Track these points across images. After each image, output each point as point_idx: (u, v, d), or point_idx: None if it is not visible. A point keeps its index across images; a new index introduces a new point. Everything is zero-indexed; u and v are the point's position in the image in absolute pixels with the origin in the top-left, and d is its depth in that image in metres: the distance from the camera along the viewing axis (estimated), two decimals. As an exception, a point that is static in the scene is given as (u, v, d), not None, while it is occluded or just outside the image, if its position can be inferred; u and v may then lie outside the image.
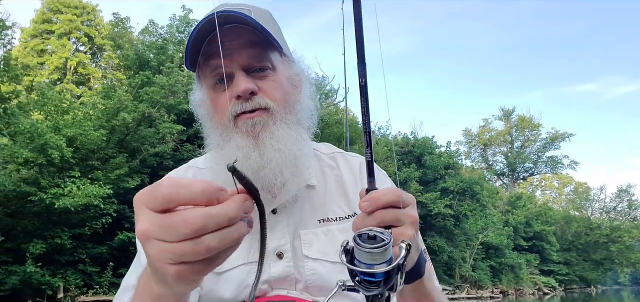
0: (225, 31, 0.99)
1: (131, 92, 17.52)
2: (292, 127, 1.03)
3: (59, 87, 35.28)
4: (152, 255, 0.56)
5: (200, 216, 0.53)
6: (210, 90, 1.06)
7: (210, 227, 0.53)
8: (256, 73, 1.02)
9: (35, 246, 14.14)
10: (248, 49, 1.01)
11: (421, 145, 28.62)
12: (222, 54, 0.99)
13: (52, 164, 14.80)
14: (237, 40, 1.00)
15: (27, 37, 38.49)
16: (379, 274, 0.70)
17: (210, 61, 1.02)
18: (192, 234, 0.53)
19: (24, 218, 14.93)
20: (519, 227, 37.96)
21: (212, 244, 0.53)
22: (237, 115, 1.01)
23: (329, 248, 1.07)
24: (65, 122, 15.61)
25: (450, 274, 28.03)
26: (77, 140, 15.18)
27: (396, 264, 0.69)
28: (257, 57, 1.02)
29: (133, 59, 20.25)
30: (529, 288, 37.03)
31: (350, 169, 1.19)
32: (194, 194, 0.54)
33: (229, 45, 1.00)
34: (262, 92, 1.02)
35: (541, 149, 52.39)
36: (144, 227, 0.55)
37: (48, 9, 39.42)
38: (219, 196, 0.55)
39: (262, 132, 1.00)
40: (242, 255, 1.04)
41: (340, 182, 1.16)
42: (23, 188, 14.25)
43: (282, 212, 1.09)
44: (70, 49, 38.54)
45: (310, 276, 1.05)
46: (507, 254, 33.74)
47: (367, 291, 0.71)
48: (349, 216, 1.11)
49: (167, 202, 0.54)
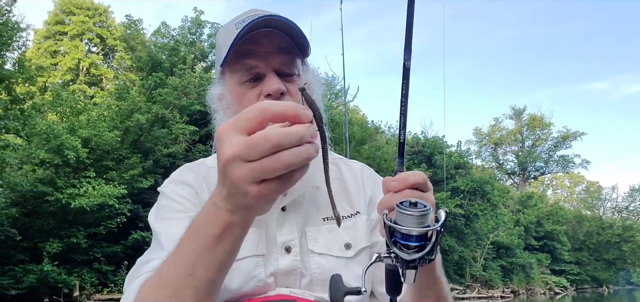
0: (261, 34, 1.08)
1: (144, 94, 17.74)
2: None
3: (72, 87, 35.72)
4: (235, 177, 0.63)
5: (277, 133, 0.60)
6: (236, 85, 1.13)
7: (286, 144, 0.60)
8: (285, 77, 1.10)
9: (52, 245, 14.40)
10: (281, 55, 1.10)
11: (431, 144, 28.60)
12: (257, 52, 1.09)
13: (67, 165, 15.05)
14: (271, 44, 1.09)
15: (40, 38, 38.79)
16: (415, 238, 0.75)
17: (246, 60, 1.10)
18: (272, 149, 0.60)
19: (40, 218, 15.21)
20: (530, 227, 37.75)
21: (290, 160, 0.61)
22: None
23: (333, 244, 1.12)
24: (80, 123, 15.85)
25: (461, 273, 27.98)
26: (92, 141, 15.42)
27: (437, 226, 0.75)
28: (288, 63, 1.11)
29: (146, 60, 20.48)
30: (540, 288, 36.83)
31: (351, 173, 1.25)
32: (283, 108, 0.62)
33: (264, 48, 1.09)
34: (289, 94, 1.10)
35: (552, 148, 52.03)
36: (231, 150, 0.62)
37: (61, 11, 39.76)
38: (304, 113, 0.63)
39: None
40: (250, 247, 1.08)
41: (342, 184, 1.22)
42: (40, 188, 14.52)
43: (291, 210, 1.14)
44: (83, 50, 38.92)
45: (316, 270, 1.09)
46: (518, 253, 33.59)
47: (406, 256, 0.75)
48: (351, 215, 1.17)
49: (258, 118, 0.62)
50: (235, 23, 1.10)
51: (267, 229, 1.12)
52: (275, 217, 1.13)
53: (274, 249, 1.10)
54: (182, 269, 0.74)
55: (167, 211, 1.11)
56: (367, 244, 1.14)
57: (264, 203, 0.67)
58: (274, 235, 1.12)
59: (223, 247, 0.72)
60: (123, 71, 32.51)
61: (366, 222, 1.16)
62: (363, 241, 1.14)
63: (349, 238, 1.13)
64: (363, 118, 35.17)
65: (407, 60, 0.84)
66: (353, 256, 1.11)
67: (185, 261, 0.74)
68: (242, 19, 1.10)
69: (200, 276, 0.73)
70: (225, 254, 0.73)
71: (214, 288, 0.77)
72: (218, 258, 0.73)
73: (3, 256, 14.17)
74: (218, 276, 0.76)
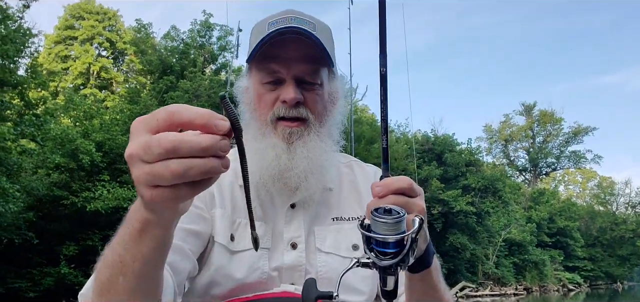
0: (287, 40, 1.08)
1: (156, 97, 17.93)
2: (323, 140, 1.12)
3: (84, 91, 36.11)
4: (134, 176, 0.59)
5: (172, 138, 0.55)
6: (258, 84, 1.14)
7: (181, 152, 0.55)
8: (306, 85, 1.11)
9: (68, 247, 14.63)
10: (304, 63, 1.10)
11: (442, 142, 28.55)
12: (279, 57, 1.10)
13: (82, 169, 15.27)
14: (295, 52, 1.09)
15: (51, 43, 39.15)
16: (392, 244, 0.75)
17: (270, 63, 1.10)
18: (165, 155, 0.55)
19: (55, 221, 15.45)
20: (542, 224, 37.52)
21: (179, 169, 0.55)
22: (278, 119, 1.10)
23: (341, 244, 1.15)
24: (93, 127, 16.07)
25: (473, 271, 27.91)
26: (106, 145, 15.62)
27: (410, 233, 0.76)
28: (310, 72, 1.11)
29: (156, 64, 20.67)
30: (554, 285, 36.61)
31: (364, 175, 1.27)
32: (193, 115, 0.57)
33: (289, 54, 1.09)
34: (306, 103, 1.10)
35: (563, 144, 51.62)
36: (132, 147, 0.58)
37: (71, 16, 40.19)
38: (216, 123, 0.57)
39: (296, 141, 1.09)
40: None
41: (355, 186, 1.24)
42: (56, 192, 14.75)
43: (300, 208, 1.16)
44: (93, 54, 39.32)
45: (322, 268, 1.12)
46: (531, 250, 33.42)
47: (380, 263, 0.76)
48: (360, 217, 1.18)
49: (167, 121, 0.57)
50: (269, 23, 1.10)
51: (275, 224, 1.15)
52: (283, 214, 1.15)
53: (280, 244, 1.13)
54: (115, 255, 0.73)
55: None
56: None
57: (160, 208, 0.62)
58: (281, 231, 1.14)
59: (146, 242, 0.69)
60: (133, 74, 32.78)
61: None
62: None
63: (356, 239, 1.15)
64: (372, 117, 35.20)
65: (383, 67, 0.84)
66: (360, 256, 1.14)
67: (118, 247, 0.73)
68: (276, 20, 1.10)
69: (129, 265, 0.71)
70: (150, 250, 0.70)
71: (144, 281, 0.74)
72: (142, 251, 0.70)
73: (21, 259, 14.43)
74: (146, 269, 0.72)
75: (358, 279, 1.13)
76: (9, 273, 14.17)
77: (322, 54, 1.10)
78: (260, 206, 1.15)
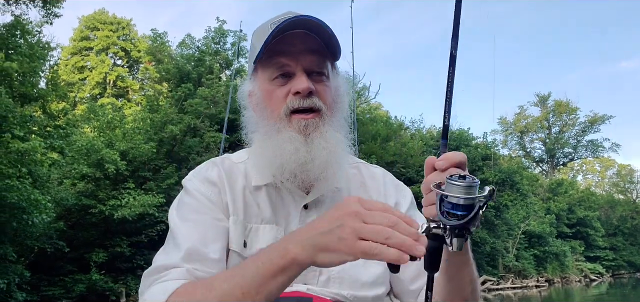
0: (294, 35, 1.12)
1: (175, 105, 18.33)
2: (338, 130, 1.14)
3: (101, 100, 36.76)
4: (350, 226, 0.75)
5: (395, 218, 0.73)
6: (267, 82, 1.15)
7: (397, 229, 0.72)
8: (314, 76, 1.13)
9: (98, 254, 15.09)
10: (312, 55, 1.12)
11: (457, 138, 28.53)
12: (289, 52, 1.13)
13: (108, 177, 15.71)
14: (302, 44, 1.12)
15: (67, 55, 39.77)
16: (462, 207, 0.81)
17: (278, 58, 1.12)
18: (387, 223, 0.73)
19: (84, 229, 15.92)
20: (562, 214, 37.23)
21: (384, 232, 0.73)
22: (293, 112, 1.11)
23: None
24: (115, 136, 16.50)
25: (494, 264, 27.86)
26: (130, 153, 16.04)
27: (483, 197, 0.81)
28: (318, 64, 1.13)
29: (174, 72, 21.07)
30: (575, 275, 36.31)
31: (372, 176, 1.29)
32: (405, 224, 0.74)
33: (296, 48, 1.12)
34: (318, 94, 1.12)
35: (580, 133, 51.12)
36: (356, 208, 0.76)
37: (85, 27, 40.86)
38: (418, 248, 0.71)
39: (313, 133, 1.10)
40: (270, 241, 1.12)
41: (363, 187, 1.25)
42: (84, 201, 15.20)
43: (313, 208, 1.17)
44: (109, 64, 39.98)
45: (334, 268, 1.11)
46: (551, 242, 33.20)
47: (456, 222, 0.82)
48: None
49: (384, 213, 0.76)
50: (271, 23, 1.13)
51: (287, 225, 1.16)
52: (297, 215, 1.17)
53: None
54: (236, 288, 0.82)
55: (188, 210, 1.13)
56: None
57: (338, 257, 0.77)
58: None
59: (281, 279, 0.80)
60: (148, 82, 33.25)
61: None
62: None
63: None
64: (386, 114, 35.18)
65: (454, 49, 0.91)
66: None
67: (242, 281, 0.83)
68: (278, 20, 1.12)
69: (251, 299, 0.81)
70: (279, 287, 0.81)
71: None
72: (272, 288, 0.81)
73: (53, 267, 14.91)
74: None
75: (370, 276, 1.15)
76: (43, 281, 14.65)
77: (329, 42, 1.13)
78: (272, 207, 1.16)
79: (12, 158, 10.62)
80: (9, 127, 11.02)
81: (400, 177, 16.81)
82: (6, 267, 12.30)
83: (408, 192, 1.30)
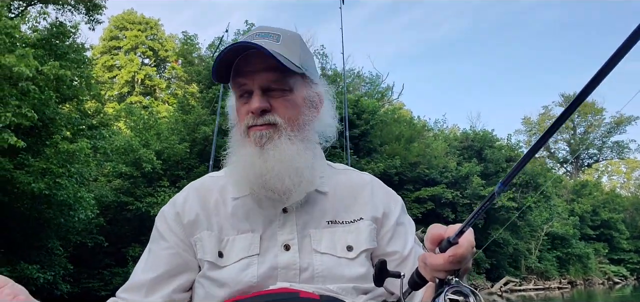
0: (251, 54, 1.14)
1: (207, 107, 19.00)
2: (295, 143, 1.15)
3: (130, 98, 37.83)
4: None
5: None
6: (236, 100, 1.21)
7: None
8: (272, 92, 1.15)
9: (134, 249, 15.80)
10: (267, 72, 1.13)
11: (481, 139, 28.67)
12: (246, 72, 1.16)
13: (144, 176, 16.46)
14: (259, 63, 1.14)
15: (96, 54, 40.79)
16: None
17: (237, 78, 1.16)
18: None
19: (120, 225, 16.70)
20: (586, 216, 36.93)
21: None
22: (250, 127, 1.16)
23: (336, 245, 1.19)
24: (150, 136, 17.25)
25: (516, 266, 27.94)
26: (165, 153, 16.76)
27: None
28: (274, 80, 1.14)
29: (204, 74, 21.75)
30: (599, 278, 35.98)
31: (361, 182, 1.30)
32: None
33: (252, 67, 1.14)
34: (274, 110, 1.15)
35: (606, 135, 50.46)
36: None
37: (115, 27, 41.91)
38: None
39: (267, 144, 1.14)
40: (242, 250, 1.17)
41: (350, 192, 1.27)
42: (122, 198, 15.97)
43: (292, 212, 1.20)
44: (138, 63, 41.00)
45: (318, 267, 1.16)
46: (574, 244, 33.01)
47: None
48: (354, 220, 1.23)
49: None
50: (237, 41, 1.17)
51: (265, 230, 1.19)
52: (276, 218, 1.20)
53: (274, 248, 1.17)
54: None
55: (155, 241, 1.26)
56: (368, 246, 1.20)
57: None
58: (275, 234, 1.18)
59: None
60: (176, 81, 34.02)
61: (368, 227, 1.22)
62: (364, 243, 1.20)
63: (351, 241, 1.19)
64: (409, 114, 35.26)
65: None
66: (354, 257, 1.18)
67: None
68: (245, 38, 1.18)
69: None
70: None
71: None
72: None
73: (93, 261, 15.71)
74: None
75: (354, 277, 1.18)
76: (82, 274, 15.45)
77: (289, 63, 1.13)
78: (247, 217, 1.20)
79: (62, 158, 11.35)
80: (57, 129, 11.77)
81: (424, 178, 17.13)
82: (53, 260, 13.10)
83: (399, 199, 1.33)
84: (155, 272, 1.19)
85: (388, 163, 21.16)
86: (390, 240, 1.23)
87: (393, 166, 21.25)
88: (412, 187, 22.90)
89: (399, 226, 1.25)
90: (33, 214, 12.21)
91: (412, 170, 23.09)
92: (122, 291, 1.22)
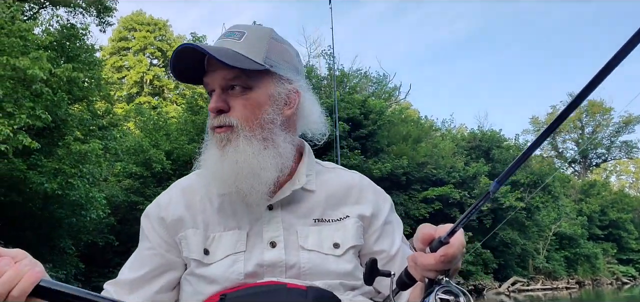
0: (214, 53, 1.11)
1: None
2: (254, 144, 1.12)
3: (138, 99, 38.08)
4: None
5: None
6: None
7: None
8: (232, 91, 1.13)
9: (144, 248, 15.98)
10: (224, 71, 1.11)
11: (489, 139, 28.62)
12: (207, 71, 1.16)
13: (154, 176, 16.64)
14: (218, 63, 1.10)
15: (105, 54, 41.06)
16: None
17: (204, 78, 1.16)
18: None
19: (129, 224, 16.89)
20: (594, 216, 36.76)
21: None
22: (213, 128, 1.15)
23: (323, 242, 1.18)
24: (159, 136, 17.44)
25: (524, 266, 27.87)
26: (174, 153, 16.94)
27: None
28: (232, 78, 1.12)
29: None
30: (607, 278, 35.83)
31: (349, 180, 1.29)
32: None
33: (213, 66, 1.13)
34: (232, 110, 1.13)
35: (614, 134, 50.15)
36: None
37: (124, 28, 42.19)
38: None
39: (226, 146, 1.12)
40: (229, 247, 1.17)
41: (338, 191, 1.26)
42: (132, 198, 16.16)
43: (277, 209, 1.19)
44: (146, 63, 41.26)
45: (305, 264, 1.15)
46: (582, 244, 32.88)
47: None
48: (341, 218, 1.22)
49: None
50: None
51: (251, 227, 1.18)
52: (261, 216, 1.19)
53: (260, 245, 1.17)
54: None
55: (140, 240, 1.28)
56: (355, 243, 1.20)
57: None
58: (261, 231, 1.18)
59: None
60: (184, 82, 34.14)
61: (355, 225, 1.22)
62: (351, 241, 1.20)
63: (338, 238, 1.19)
64: (416, 114, 35.22)
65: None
66: (341, 254, 1.18)
67: None
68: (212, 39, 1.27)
69: None
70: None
71: None
72: None
73: (104, 259, 15.91)
74: None
75: (340, 273, 1.18)
76: (93, 273, 15.64)
77: (247, 59, 1.11)
78: (234, 214, 1.19)
79: (74, 159, 11.53)
80: (69, 130, 11.97)
81: (432, 178, 17.15)
82: (64, 260, 13.30)
83: (387, 197, 1.32)
84: (138, 273, 1.21)
85: (395, 163, 21.17)
86: (377, 239, 1.24)
87: (400, 166, 21.25)
88: (420, 187, 22.89)
89: (386, 224, 1.26)
90: (45, 214, 12.40)
91: (419, 170, 23.08)
92: (109, 284, 1.25)
